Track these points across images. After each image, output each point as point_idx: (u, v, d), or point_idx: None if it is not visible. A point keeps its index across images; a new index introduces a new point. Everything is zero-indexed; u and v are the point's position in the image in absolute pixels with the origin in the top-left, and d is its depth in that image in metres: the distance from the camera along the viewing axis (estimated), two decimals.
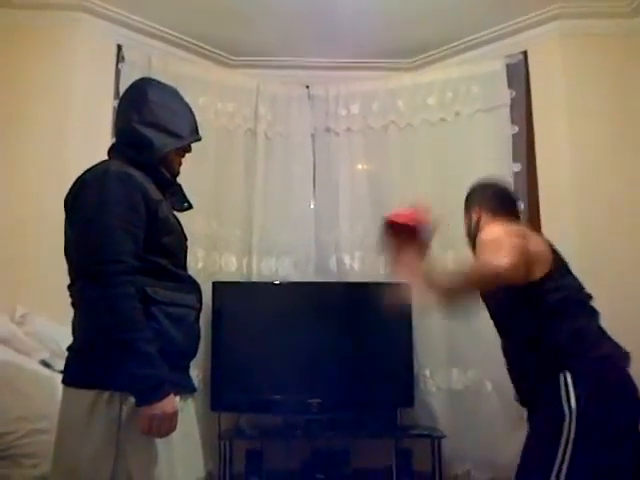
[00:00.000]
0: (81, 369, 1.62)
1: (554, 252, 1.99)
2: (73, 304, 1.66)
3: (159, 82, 1.89)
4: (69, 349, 1.68)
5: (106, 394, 1.55)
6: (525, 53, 3.61)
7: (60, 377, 1.68)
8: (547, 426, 1.84)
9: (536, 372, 1.91)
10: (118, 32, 3.50)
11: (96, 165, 1.69)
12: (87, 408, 1.55)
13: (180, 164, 1.88)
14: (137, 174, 1.67)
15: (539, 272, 1.90)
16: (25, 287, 2.98)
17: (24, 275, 3.01)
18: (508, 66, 3.64)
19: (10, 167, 3.16)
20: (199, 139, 1.88)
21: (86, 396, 1.56)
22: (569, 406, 1.79)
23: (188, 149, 1.88)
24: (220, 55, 3.94)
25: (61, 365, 1.72)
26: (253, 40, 3.80)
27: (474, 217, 2.21)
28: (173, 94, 1.87)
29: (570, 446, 1.76)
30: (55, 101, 3.26)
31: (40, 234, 2.99)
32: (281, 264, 3.79)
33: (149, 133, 1.74)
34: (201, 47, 3.85)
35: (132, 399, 1.52)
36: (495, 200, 2.23)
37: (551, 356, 1.87)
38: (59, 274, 1.73)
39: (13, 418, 2.21)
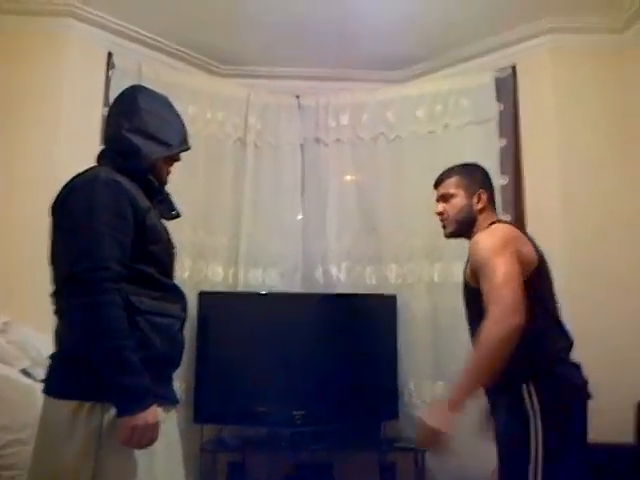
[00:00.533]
0: (63, 378, 1.59)
1: (540, 260, 1.99)
2: (56, 312, 1.63)
3: (150, 90, 1.88)
4: (51, 357, 1.65)
5: (87, 404, 1.52)
6: (514, 67, 3.63)
7: (41, 387, 1.65)
8: (515, 427, 1.87)
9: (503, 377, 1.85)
10: (108, 39, 3.49)
11: (84, 171, 1.68)
12: (68, 419, 1.52)
13: (169, 173, 1.87)
14: (125, 181, 1.66)
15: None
16: (7, 295, 2.93)
17: (6, 283, 2.97)
18: (497, 80, 3.65)
19: None
20: (188, 148, 1.87)
21: (67, 406, 1.53)
22: (532, 406, 1.83)
23: (177, 158, 1.87)
24: (210, 64, 3.94)
25: (42, 374, 1.69)
26: (244, 49, 3.80)
27: (476, 200, 2.12)
28: (164, 102, 1.86)
29: (540, 445, 1.79)
30: (45, 107, 3.24)
31: (24, 242, 2.95)
32: (268, 275, 3.78)
33: (137, 140, 1.73)
34: (192, 56, 3.85)
35: (114, 410, 1.50)
36: (492, 188, 2.20)
37: (522, 361, 1.84)
38: (43, 282, 1.70)
39: None
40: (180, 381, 3.30)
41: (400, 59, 3.88)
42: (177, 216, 1.91)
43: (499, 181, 3.55)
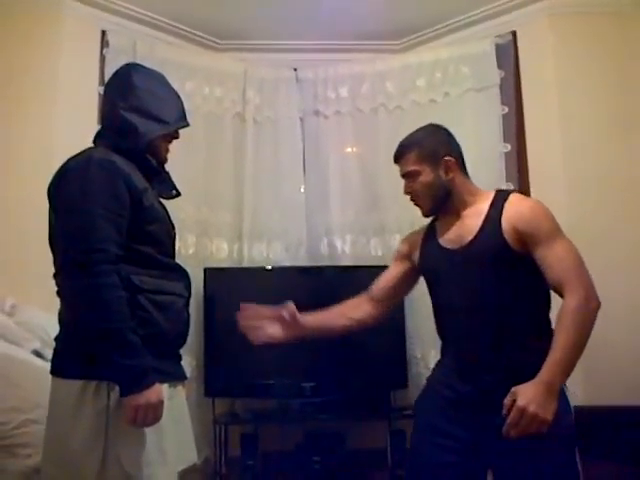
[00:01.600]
0: (67, 359, 1.62)
1: None
2: (58, 294, 1.66)
3: (145, 68, 1.87)
4: (56, 339, 1.67)
5: (93, 384, 1.55)
6: (514, 33, 3.58)
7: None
8: (562, 435, 1.69)
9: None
10: (102, 17, 3.44)
11: (80, 153, 1.68)
12: (75, 398, 1.55)
13: (167, 151, 1.86)
14: (121, 161, 1.66)
15: None
16: (15, 277, 2.95)
17: (13, 265, 2.98)
18: (497, 46, 3.61)
19: None
20: (187, 125, 1.87)
21: (73, 386, 1.56)
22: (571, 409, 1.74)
23: (176, 135, 1.86)
24: (207, 39, 3.89)
25: (51, 355, 1.72)
26: (240, 23, 3.75)
27: (443, 171, 1.88)
28: (160, 80, 1.85)
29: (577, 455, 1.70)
30: (40, 87, 3.21)
31: (28, 223, 2.94)
32: (272, 249, 3.78)
33: (134, 119, 1.72)
34: (187, 31, 3.80)
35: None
36: (458, 149, 1.96)
37: None
38: (48, 263, 1.72)
39: (7, 408, 2.20)
40: (190, 356, 3.33)
41: (398, 28, 3.82)
42: (177, 195, 1.91)
43: (502, 149, 3.54)
